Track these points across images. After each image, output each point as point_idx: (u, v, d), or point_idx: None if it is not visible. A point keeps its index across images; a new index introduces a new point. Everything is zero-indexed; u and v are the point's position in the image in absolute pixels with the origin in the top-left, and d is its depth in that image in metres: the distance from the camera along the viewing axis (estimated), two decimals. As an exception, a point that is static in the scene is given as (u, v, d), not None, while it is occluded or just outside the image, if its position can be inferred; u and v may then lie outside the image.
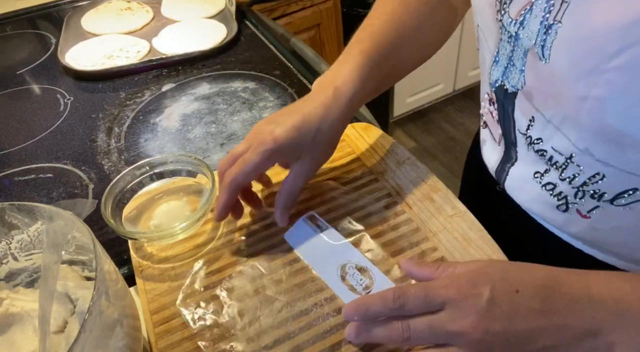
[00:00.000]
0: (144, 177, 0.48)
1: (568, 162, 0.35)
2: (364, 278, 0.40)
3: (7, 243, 0.37)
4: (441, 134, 1.99)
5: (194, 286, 0.41)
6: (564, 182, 0.37)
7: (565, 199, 0.38)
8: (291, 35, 0.83)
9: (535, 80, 0.34)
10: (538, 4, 0.30)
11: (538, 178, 0.40)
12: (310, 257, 0.42)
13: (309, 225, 0.45)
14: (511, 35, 0.34)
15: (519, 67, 0.34)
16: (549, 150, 0.36)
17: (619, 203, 0.34)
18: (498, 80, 0.38)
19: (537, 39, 0.31)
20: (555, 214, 0.40)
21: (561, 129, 0.34)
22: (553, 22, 0.29)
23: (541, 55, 0.31)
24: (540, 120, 0.36)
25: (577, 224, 0.39)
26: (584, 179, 0.35)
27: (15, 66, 0.82)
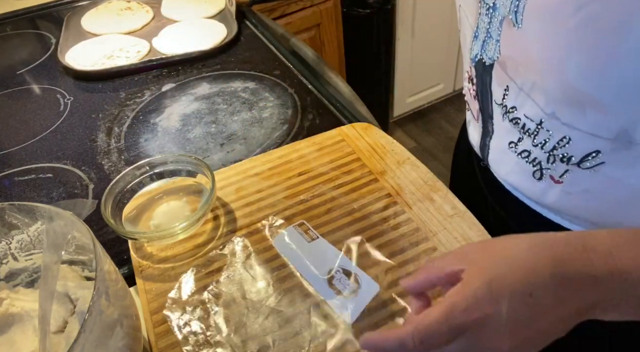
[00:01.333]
0: (144, 177, 0.48)
1: (539, 128, 0.38)
2: (351, 282, 0.40)
3: (7, 243, 0.37)
4: (441, 134, 1.99)
5: (181, 292, 0.41)
6: (536, 148, 0.39)
7: (539, 165, 0.40)
8: (291, 35, 0.83)
9: (508, 49, 0.36)
10: None
11: (513, 147, 0.42)
12: (298, 263, 0.42)
13: (298, 232, 0.44)
14: (489, 7, 0.36)
15: (495, 38, 0.37)
16: (522, 117, 0.39)
17: (584, 166, 0.37)
18: (477, 55, 0.41)
19: (510, 6, 0.33)
20: (532, 183, 0.42)
21: (531, 95, 0.36)
22: None
23: (514, 21, 0.33)
24: (513, 89, 0.38)
25: (552, 191, 0.41)
26: (554, 144, 0.37)
27: (15, 66, 0.82)
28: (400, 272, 0.40)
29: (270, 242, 0.44)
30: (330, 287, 0.39)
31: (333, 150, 0.54)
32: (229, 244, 0.44)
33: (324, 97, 0.67)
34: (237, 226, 0.46)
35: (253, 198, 0.49)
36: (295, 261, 0.42)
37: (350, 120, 0.61)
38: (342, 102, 0.65)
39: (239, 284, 0.41)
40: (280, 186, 0.50)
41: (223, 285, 0.41)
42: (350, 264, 0.41)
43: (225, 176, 0.52)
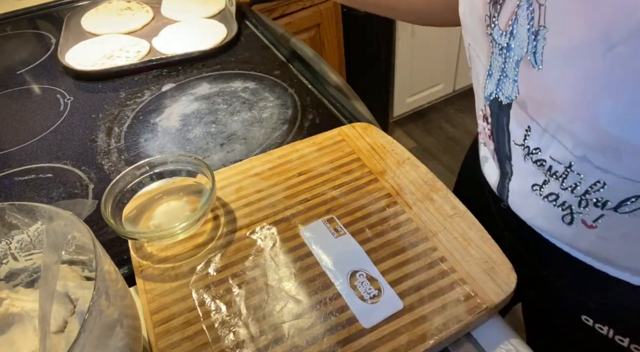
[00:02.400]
0: (144, 177, 0.48)
1: (568, 171, 0.34)
2: (373, 288, 0.39)
3: (7, 243, 0.37)
4: (441, 134, 1.99)
5: (208, 270, 0.42)
6: (566, 192, 0.36)
7: (569, 209, 0.37)
8: (291, 35, 0.83)
9: (528, 89, 0.34)
10: (520, 12, 0.31)
11: (537, 190, 0.39)
12: (322, 257, 0.42)
13: (327, 227, 0.45)
14: (502, 47, 0.34)
15: (512, 78, 0.35)
16: (548, 159, 0.36)
17: (623, 210, 0.33)
18: (492, 93, 0.38)
19: (528, 46, 0.31)
20: (562, 228, 0.39)
21: (557, 137, 0.33)
22: (539, 27, 0.30)
23: (534, 62, 0.31)
24: (536, 130, 0.35)
25: (585, 236, 0.38)
26: (586, 188, 0.34)
27: (15, 66, 0.82)
28: (400, 272, 0.40)
29: (297, 231, 0.45)
30: (352, 288, 0.39)
31: (333, 150, 0.54)
32: (259, 230, 0.45)
33: (324, 97, 0.67)
34: (237, 226, 0.46)
35: (253, 198, 0.49)
36: (320, 253, 0.42)
37: (350, 120, 0.61)
38: (342, 102, 0.65)
39: (263, 270, 0.42)
40: (280, 186, 0.50)
41: (248, 269, 0.42)
42: (375, 269, 0.41)
43: (225, 175, 0.52)
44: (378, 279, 0.40)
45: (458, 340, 0.38)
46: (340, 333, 0.37)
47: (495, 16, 0.34)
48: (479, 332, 0.39)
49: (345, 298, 0.39)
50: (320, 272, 0.41)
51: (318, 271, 0.41)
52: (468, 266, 0.40)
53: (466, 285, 0.39)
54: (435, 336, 0.36)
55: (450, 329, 0.36)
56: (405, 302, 0.38)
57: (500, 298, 0.38)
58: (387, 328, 0.37)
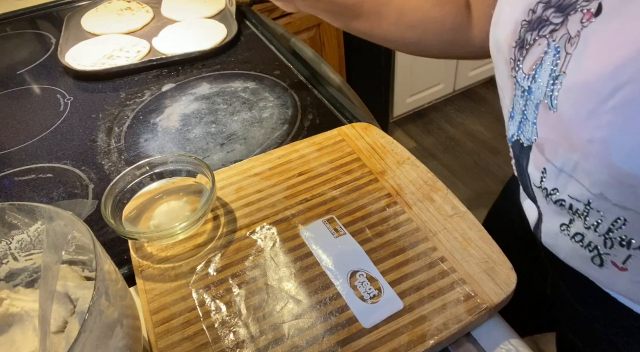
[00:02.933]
0: (144, 177, 0.48)
1: (588, 209, 0.34)
2: (373, 288, 0.39)
3: (7, 243, 0.37)
4: (441, 134, 1.99)
5: (208, 270, 0.42)
6: (590, 231, 0.36)
7: (597, 250, 0.37)
8: (291, 35, 0.83)
9: (546, 131, 0.34)
10: (547, 58, 0.32)
11: (565, 230, 0.39)
12: (322, 257, 0.42)
13: (327, 227, 0.45)
14: (524, 90, 0.35)
15: (532, 120, 0.35)
16: (567, 199, 0.36)
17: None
18: (514, 135, 0.39)
19: (546, 90, 0.32)
20: (595, 270, 0.38)
21: (574, 175, 0.34)
22: (559, 73, 0.31)
23: (550, 105, 0.32)
24: (552, 171, 0.36)
25: (618, 279, 0.37)
26: (608, 226, 0.34)
27: (15, 66, 0.82)
28: (400, 272, 0.40)
29: (297, 231, 0.45)
30: (352, 288, 0.39)
31: (333, 150, 0.54)
32: (259, 230, 0.45)
33: (324, 97, 0.67)
34: (237, 226, 0.46)
35: (253, 198, 0.49)
36: (320, 253, 0.42)
37: (350, 120, 0.61)
38: (342, 102, 0.65)
39: (263, 270, 0.42)
40: (280, 186, 0.50)
41: (248, 269, 0.42)
42: (375, 269, 0.41)
43: (225, 175, 0.52)
44: (378, 279, 0.40)
45: (458, 340, 0.38)
46: (340, 333, 0.37)
47: (520, 60, 0.35)
48: (479, 332, 0.39)
49: (345, 298, 0.39)
50: (320, 272, 0.41)
51: (318, 271, 0.41)
52: (468, 266, 0.40)
53: (466, 285, 0.39)
54: (435, 336, 0.36)
55: (450, 329, 0.36)
56: (405, 302, 0.38)
57: (500, 298, 0.38)
58: (387, 328, 0.37)
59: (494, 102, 2.09)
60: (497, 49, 0.38)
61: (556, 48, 0.31)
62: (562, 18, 0.31)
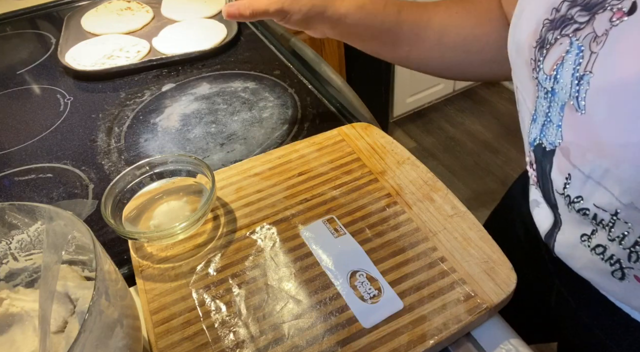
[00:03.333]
0: (144, 177, 0.48)
1: (615, 220, 0.32)
2: (373, 288, 0.39)
3: (7, 243, 0.37)
4: (441, 134, 1.99)
5: (208, 270, 0.42)
6: (613, 243, 0.34)
7: (619, 264, 0.35)
8: (291, 35, 0.83)
9: (572, 135, 0.33)
10: (569, 57, 0.31)
11: (586, 241, 0.37)
12: (322, 257, 0.42)
13: (327, 227, 0.45)
14: (547, 91, 0.34)
15: (556, 123, 0.34)
16: (592, 208, 0.34)
17: None
18: (536, 139, 0.37)
19: (571, 91, 0.31)
20: (613, 283, 0.37)
21: (602, 183, 0.32)
22: (584, 73, 0.29)
23: (577, 106, 0.31)
24: (578, 177, 0.34)
25: (638, 293, 0.35)
26: (635, 238, 0.32)
27: (15, 66, 0.82)
28: (400, 272, 0.40)
29: (297, 231, 0.45)
30: (352, 288, 0.39)
31: (333, 150, 0.54)
32: (259, 230, 0.45)
33: (324, 97, 0.67)
34: (237, 226, 0.46)
35: (253, 198, 0.49)
36: (320, 253, 0.42)
37: (350, 120, 0.61)
38: (342, 102, 0.65)
39: (263, 270, 0.42)
40: (280, 186, 0.50)
41: (248, 269, 0.42)
42: (375, 269, 0.41)
43: (225, 175, 0.52)
44: (378, 279, 0.40)
45: (458, 340, 0.38)
46: (340, 333, 0.37)
47: (541, 60, 0.33)
48: (479, 332, 0.39)
49: (345, 298, 0.39)
50: (320, 272, 0.41)
51: (318, 271, 0.41)
52: (468, 266, 0.40)
53: (466, 285, 0.39)
54: (435, 336, 0.36)
55: (450, 329, 0.36)
56: (405, 302, 0.38)
57: (500, 298, 0.38)
58: (387, 328, 0.37)
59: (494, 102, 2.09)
60: (516, 50, 0.37)
61: (579, 47, 0.30)
62: (588, 17, 0.30)
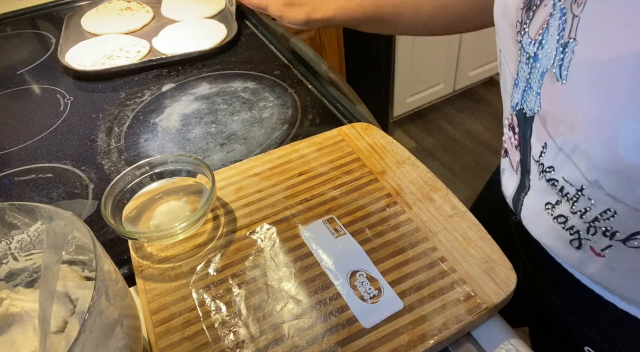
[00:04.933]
0: (144, 177, 0.48)
1: (579, 195, 0.33)
2: (373, 288, 0.39)
3: (7, 243, 0.37)
4: (441, 134, 1.99)
5: (208, 270, 0.42)
6: (575, 216, 0.35)
7: (577, 234, 0.36)
8: (291, 35, 0.83)
9: (549, 104, 0.32)
10: (552, 22, 0.30)
11: (550, 209, 0.38)
12: (322, 257, 0.42)
13: (327, 227, 0.45)
14: (529, 56, 0.33)
15: (536, 90, 0.33)
16: (560, 180, 0.34)
17: (632, 244, 0.32)
18: (518, 104, 0.37)
19: (555, 58, 0.30)
20: (569, 251, 0.38)
21: (572, 158, 0.32)
22: (568, 39, 0.28)
23: (558, 75, 0.30)
24: (552, 148, 0.34)
25: (593, 263, 0.36)
26: (596, 214, 0.32)
27: (15, 66, 0.82)
28: (400, 272, 0.40)
29: (297, 231, 0.45)
30: (352, 288, 0.39)
31: (333, 150, 0.54)
32: (259, 230, 0.45)
33: (324, 97, 0.67)
34: (237, 226, 0.46)
35: (253, 198, 0.49)
36: (320, 253, 0.42)
37: (350, 120, 0.61)
38: (342, 102, 0.65)
39: (263, 270, 0.42)
40: (280, 186, 0.50)
41: (248, 269, 0.42)
42: (375, 269, 0.41)
43: (225, 175, 0.52)
44: (378, 279, 0.40)
45: (458, 340, 0.38)
46: (340, 333, 0.37)
47: (527, 23, 0.33)
48: (479, 332, 0.39)
49: (345, 298, 0.39)
50: (320, 272, 0.41)
51: (318, 271, 0.41)
52: (468, 266, 0.40)
53: (466, 285, 0.39)
54: (435, 336, 0.36)
55: (450, 329, 0.36)
56: (405, 302, 0.38)
57: (500, 298, 0.38)
58: (387, 328, 0.37)
59: (494, 102, 2.08)
60: (503, 11, 0.36)
61: (562, 9, 0.29)
62: None
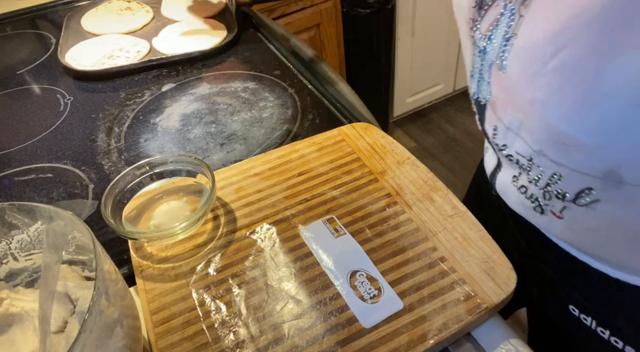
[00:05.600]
0: (144, 177, 0.48)
1: (530, 164, 0.38)
2: (373, 288, 0.39)
3: (7, 243, 0.37)
4: (441, 134, 1.99)
5: (208, 270, 0.42)
6: (532, 184, 0.39)
7: (537, 201, 0.40)
8: (291, 35, 0.83)
9: (498, 91, 0.37)
10: (502, 19, 0.34)
11: (515, 182, 0.42)
12: (322, 257, 0.42)
13: (327, 227, 0.45)
14: (480, 50, 0.37)
15: (487, 80, 0.38)
16: (514, 154, 0.39)
17: (580, 203, 0.35)
18: (475, 93, 0.41)
19: (499, 51, 0.34)
20: (537, 217, 0.42)
21: (519, 133, 0.37)
22: (512, 35, 0.33)
23: (500, 65, 0.34)
24: (501, 128, 0.39)
25: (556, 225, 0.40)
26: (546, 180, 0.37)
27: (15, 66, 0.82)
28: (400, 272, 0.40)
29: (297, 231, 0.45)
30: (352, 288, 0.39)
31: (333, 150, 0.54)
32: (259, 230, 0.45)
33: (324, 97, 0.67)
34: (237, 226, 0.46)
35: (253, 198, 0.49)
36: (320, 253, 0.42)
37: (350, 120, 0.61)
38: (342, 102, 0.65)
39: (263, 270, 0.42)
40: (280, 186, 0.50)
41: (248, 269, 0.42)
42: (375, 269, 0.41)
43: (225, 175, 0.52)
44: (378, 279, 0.40)
45: (458, 340, 0.38)
46: (340, 333, 0.37)
47: (479, 20, 0.37)
48: (479, 332, 0.39)
49: (345, 298, 0.39)
50: (320, 272, 0.41)
51: (318, 271, 0.41)
52: (468, 266, 0.40)
53: (466, 285, 0.39)
54: (435, 336, 0.36)
55: (450, 329, 0.36)
56: (405, 302, 0.38)
57: (500, 298, 0.38)
58: (387, 328, 0.37)
59: (494, 102, 2.08)
60: (458, 8, 0.40)
61: (512, 10, 0.33)
62: None
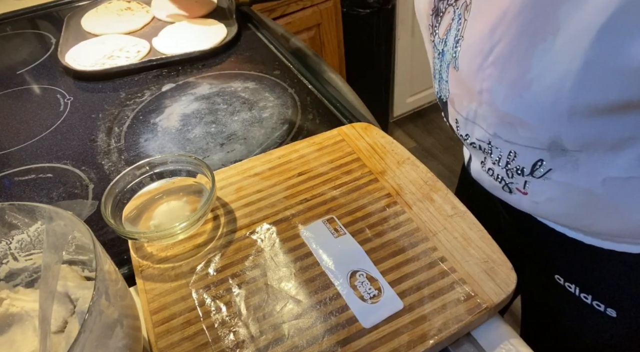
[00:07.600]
0: (144, 177, 0.48)
1: (490, 147, 0.42)
2: (373, 288, 0.39)
3: (7, 243, 0.37)
4: (441, 134, 1.99)
5: (208, 270, 0.42)
6: (495, 166, 0.44)
7: (503, 181, 0.44)
8: (291, 35, 0.83)
9: (454, 88, 0.42)
10: (454, 24, 0.39)
11: (483, 167, 0.47)
12: (322, 257, 0.42)
13: (327, 227, 0.44)
14: (439, 52, 0.42)
15: (445, 79, 0.43)
16: (476, 141, 0.44)
17: (537, 175, 0.40)
18: (438, 92, 0.46)
19: (452, 52, 0.39)
20: (507, 196, 0.46)
21: (476, 122, 0.42)
22: (460, 37, 0.38)
23: (455, 65, 0.40)
24: (461, 120, 0.44)
25: (524, 201, 0.44)
26: (506, 159, 0.41)
27: (15, 66, 0.82)
28: (400, 272, 0.40)
29: (297, 231, 0.45)
30: (352, 288, 0.39)
31: (333, 150, 0.54)
32: (259, 230, 0.45)
33: (324, 97, 0.67)
34: (237, 226, 0.46)
35: (253, 198, 0.49)
36: (320, 253, 0.42)
37: (350, 120, 0.61)
38: (342, 102, 0.65)
39: (263, 270, 0.42)
40: (280, 186, 0.50)
41: (248, 269, 0.42)
42: (375, 269, 0.41)
43: (225, 176, 0.52)
44: (378, 279, 0.40)
45: (458, 340, 0.38)
46: (340, 333, 0.37)
47: (436, 26, 0.41)
48: (479, 332, 0.39)
49: (345, 298, 0.39)
50: (320, 272, 0.41)
51: (318, 271, 0.41)
52: (468, 266, 0.40)
53: (466, 285, 0.39)
54: (435, 336, 0.36)
55: (450, 329, 0.36)
56: (405, 302, 0.38)
57: (500, 298, 0.38)
58: (387, 328, 0.37)
59: (494, 102, 2.08)
60: (419, 16, 0.45)
61: (459, 15, 0.38)
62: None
